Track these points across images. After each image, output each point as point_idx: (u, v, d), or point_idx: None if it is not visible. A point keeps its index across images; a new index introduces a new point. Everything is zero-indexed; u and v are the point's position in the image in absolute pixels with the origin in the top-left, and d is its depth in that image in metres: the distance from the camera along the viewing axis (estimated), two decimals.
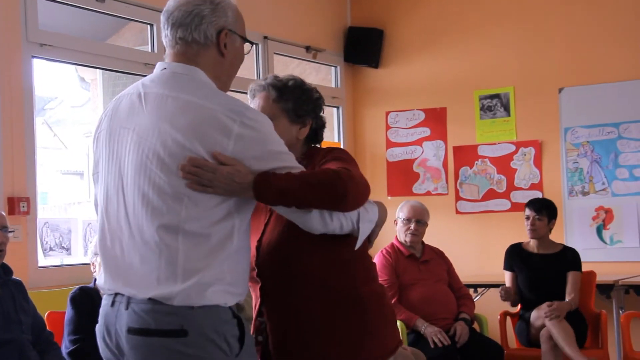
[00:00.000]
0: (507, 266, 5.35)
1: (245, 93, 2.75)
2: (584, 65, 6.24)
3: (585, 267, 5.24)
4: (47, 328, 3.69)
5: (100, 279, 2.30)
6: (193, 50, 2.28)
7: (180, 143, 2.15)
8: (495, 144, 6.53)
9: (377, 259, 5.26)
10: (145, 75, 4.39)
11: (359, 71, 7.09)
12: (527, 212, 5.27)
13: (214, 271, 2.17)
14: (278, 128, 2.31)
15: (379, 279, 5.21)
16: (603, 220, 5.99)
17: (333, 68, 7.08)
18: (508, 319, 5.37)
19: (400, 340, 2.57)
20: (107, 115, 2.35)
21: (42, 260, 4.64)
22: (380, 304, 2.52)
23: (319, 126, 2.63)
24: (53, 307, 4.01)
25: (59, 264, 5.05)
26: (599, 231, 5.99)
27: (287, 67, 7.35)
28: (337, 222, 2.32)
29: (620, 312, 5.39)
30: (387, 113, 6.91)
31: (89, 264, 4.01)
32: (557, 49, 6.32)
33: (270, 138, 2.23)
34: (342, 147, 6.93)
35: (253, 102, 2.61)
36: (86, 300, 3.78)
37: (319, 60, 6.95)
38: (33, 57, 4.60)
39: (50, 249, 4.69)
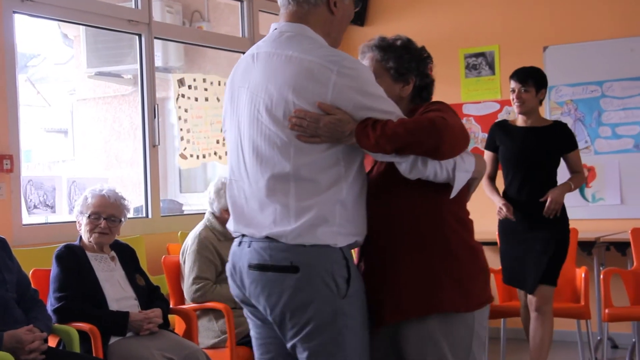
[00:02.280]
0: (489, 145, 4.83)
1: (231, 51, 2.77)
2: (568, 23, 6.23)
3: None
4: (32, 286, 3.70)
5: (230, 224, 2.53)
6: (304, 9, 2.44)
7: (284, 96, 2.33)
8: (480, 102, 6.54)
9: None
10: (127, 32, 4.25)
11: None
12: (512, 84, 4.69)
13: (323, 213, 2.34)
14: (381, 86, 2.42)
15: None
16: (586, 178, 6.04)
17: None
18: (493, 275, 5.41)
19: (491, 299, 2.61)
20: (230, 77, 2.55)
21: (27, 218, 4.64)
22: (472, 257, 2.56)
23: (424, 85, 2.68)
24: (38, 265, 4.02)
25: (43, 221, 5.05)
26: (581, 189, 6.03)
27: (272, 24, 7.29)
28: (431, 169, 2.40)
29: (601, 268, 5.46)
30: None
31: (74, 222, 4.01)
32: (542, 7, 6.31)
33: (368, 84, 2.36)
34: None
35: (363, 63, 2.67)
36: (72, 258, 3.79)
37: None
38: (14, 12, 4.55)
39: (35, 206, 4.69)
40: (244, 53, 6.77)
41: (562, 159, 4.71)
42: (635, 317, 5.18)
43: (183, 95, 5.55)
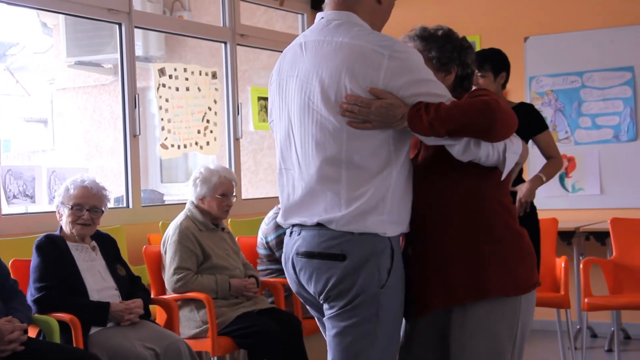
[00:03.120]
0: None
1: (212, 40, 2.77)
2: (549, 14, 6.25)
3: (547, 215, 5.30)
4: (12, 276, 3.68)
5: (280, 217, 2.55)
6: None
7: (336, 82, 2.36)
8: None
9: None
10: (107, 21, 4.25)
11: None
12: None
13: (374, 200, 2.37)
14: None
15: None
16: (566, 169, 6.07)
17: (300, 15, 7.02)
18: None
19: (538, 282, 2.64)
20: (276, 67, 2.58)
21: (6, 208, 4.61)
22: (518, 241, 2.58)
23: (465, 74, 2.70)
24: (17, 255, 4.00)
25: (23, 212, 5.01)
26: (561, 179, 6.07)
27: (253, 14, 7.27)
28: (484, 150, 2.43)
29: (581, 258, 5.50)
30: None
31: (54, 212, 3.99)
32: None
33: (419, 68, 2.39)
34: None
35: None
36: (52, 248, 3.77)
37: (286, 8, 6.88)
38: None
39: (14, 196, 4.66)
40: (225, 43, 6.73)
41: (533, 144, 4.37)
42: (614, 306, 5.22)
43: (164, 85, 5.53)
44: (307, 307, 2.64)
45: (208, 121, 5.84)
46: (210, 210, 4.40)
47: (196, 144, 5.76)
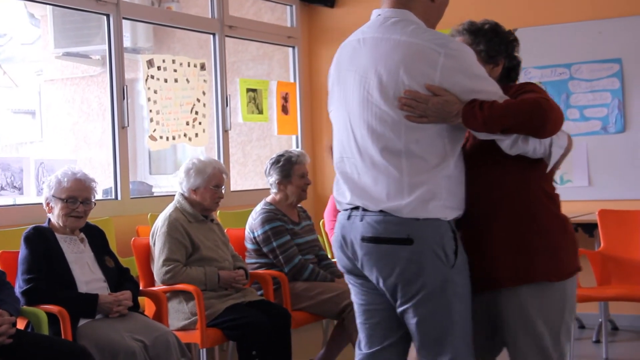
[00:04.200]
0: None
1: (201, 32, 2.80)
2: (537, 6, 6.26)
3: None
4: (0, 268, 3.67)
5: (341, 196, 2.67)
6: None
7: (394, 77, 2.49)
8: None
9: (332, 199, 5.30)
10: (94, 12, 4.21)
11: (315, 10, 7.03)
12: None
13: (433, 188, 2.50)
14: None
15: (334, 219, 5.27)
16: None
17: (288, 7, 7.01)
18: None
19: (580, 268, 2.74)
20: (335, 61, 2.72)
21: None
22: (561, 229, 2.70)
23: (512, 66, 2.82)
24: (5, 247, 3.99)
25: (11, 203, 5.00)
26: None
27: (242, 5, 7.25)
28: (531, 145, 2.56)
29: None
30: None
31: (42, 204, 3.97)
32: None
33: (473, 66, 2.52)
34: (297, 87, 6.91)
35: None
36: (40, 240, 3.76)
37: None
38: None
39: (2, 188, 4.64)
40: (213, 34, 6.71)
41: None
42: (602, 297, 5.24)
43: (152, 77, 5.51)
44: (355, 286, 2.74)
45: (197, 113, 5.82)
46: (202, 201, 4.40)
47: (185, 135, 5.75)
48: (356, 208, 2.60)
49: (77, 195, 3.87)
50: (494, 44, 2.76)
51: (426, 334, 2.57)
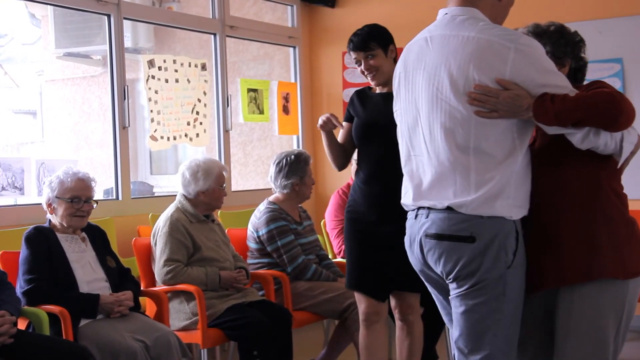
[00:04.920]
0: (346, 116, 3.93)
1: (201, 32, 2.80)
2: (537, 6, 6.26)
3: None
4: (0, 268, 3.67)
5: (406, 197, 2.72)
6: None
7: (465, 73, 2.51)
8: None
9: (333, 198, 5.30)
10: (95, 12, 4.19)
11: (315, 10, 7.03)
12: (353, 55, 3.75)
13: (500, 185, 2.52)
14: None
15: (335, 219, 5.24)
16: None
17: (289, 7, 7.01)
18: None
19: None
20: (401, 60, 2.77)
21: None
22: (629, 228, 2.69)
23: (579, 67, 2.83)
24: (7, 247, 3.99)
25: (12, 204, 5.00)
26: None
27: (242, 5, 7.26)
28: (602, 139, 2.55)
29: None
30: (344, 53, 6.88)
31: (42, 204, 3.97)
32: None
33: (543, 61, 2.53)
34: (298, 87, 6.92)
35: None
36: (42, 240, 3.76)
37: None
38: None
39: (3, 188, 4.64)
40: (214, 34, 6.71)
41: None
42: None
43: (153, 77, 5.51)
44: (429, 286, 2.80)
45: (197, 113, 5.83)
46: (211, 201, 4.41)
47: (186, 135, 5.76)
48: (422, 207, 2.65)
49: (80, 194, 3.87)
50: (560, 45, 2.78)
51: (469, 325, 2.62)
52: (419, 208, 2.66)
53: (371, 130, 3.72)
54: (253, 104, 6.41)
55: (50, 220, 3.91)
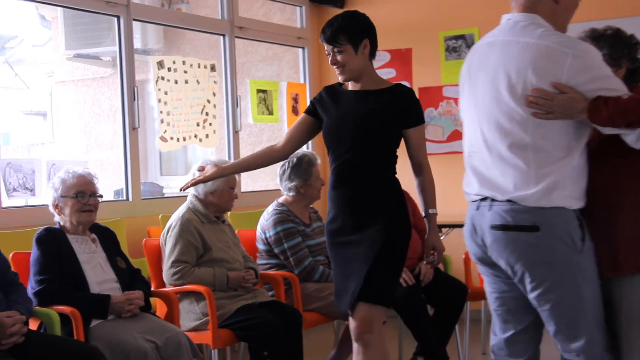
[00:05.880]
0: (308, 109, 3.62)
1: (211, 33, 2.80)
2: (588, 3, 6.23)
3: None
4: (12, 269, 3.68)
5: (470, 187, 2.87)
6: (531, 0, 2.78)
7: (523, 77, 2.67)
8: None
9: None
10: (105, 14, 4.17)
11: (324, 11, 7.03)
12: (326, 47, 3.48)
13: (558, 179, 2.67)
14: None
15: None
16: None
17: (298, 8, 7.01)
18: None
19: None
20: (466, 63, 2.93)
21: (6, 201, 4.61)
22: None
23: (635, 67, 2.99)
24: (18, 248, 4.00)
25: (23, 204, 5.02)
26: None
27: (251, 6, 7.26)
28: None
29: None
30: None
31: (49, 206, 3.97)
32: None
33: (599, 66, 2.68)
34: (307, 88, 6.92)
35: None
36: (52, 241, 3.78)
37: (284, 0, 6.88)
38: None
39: (14, 189, 4.66)
40: (223, 35, 6.70)
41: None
42: None
43: (162, 78, 5.52)
44: (487, 274, 2.93)
45: (207, 114, 5.84)
46: (219, 203, 4.40)
47: (195, 136, 5.77)
48: (484, 199, 2.78)
49: (84, 189, 3.89)
50: (617, 47, 2.94)
51: (560, 320, 2.73)
52: (481, 200, 2.79)
53: (341, 130, 3.47)
54: (262, 105, 6.41)
55: (59, 222, 3.92)
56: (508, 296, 2.89)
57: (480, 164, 2.82)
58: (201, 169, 3.83)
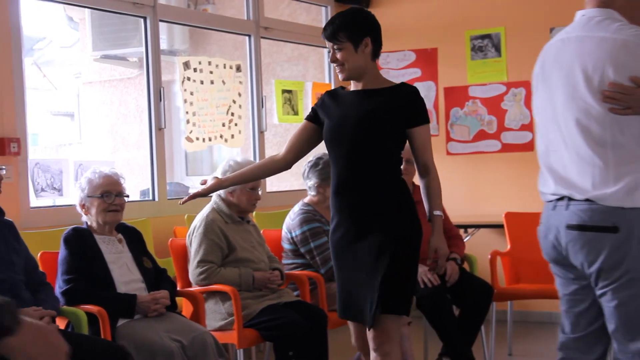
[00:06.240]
0: (309, 115, 3.53)
1: (236, 33, 2.77)
2: (575, 4, 6.17)
3: None
4: (40, 268, 3.72)
5: (545, 187, 2.81)
6: None
7: (600, 72, 2.62)
8: (486, 84, 6.52)
9: None
10: (132, 15, 4.14)
11: None
12: (327, 45, 3.42)
13: (639, 178, 2.60)
14: None
15: None
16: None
17: (323, 8, 7.02)
18: (498, 258, 5.42)
19: None
20: (539, 60, 2.87)
21: (34, 201, 4.65)
22: None
23: None
24: (46, 248, 4.04)
25: (51, 204, 5.06)
26: None
27: (277, 7, 7.28)
28: None
29: None
30: None
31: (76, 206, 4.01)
32: None
33: None
34: (332, 88, 6.91)
35: None
36: (80, 241, 3.81)
37: (309, 0, 6.88)
38: None
39: (42, 189, 4.70)
40: (249, 36, 6.71)
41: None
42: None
43: (188, 78, 5.55)
44: (561, 276, 2.85)
45: (232, 114, 5.86)
46: (239, 203, 4.40)
47: (221, 136, 5.79)
48: (561, 198, 2.73)
49: (110, 189, 3.91)
50: None
51: (624, 318, 2.68)
52: (558, 199, 2.74)
53: (341, 132, 3.33)
54: (287, 105, 6.42)
55: (86, 222, 3.95)
56: (580, 299, 2.84)
57: (557, 162, 2.77)
58: (203, 183, 3.74)
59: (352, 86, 3.44)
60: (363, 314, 3.31)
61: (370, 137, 3.30)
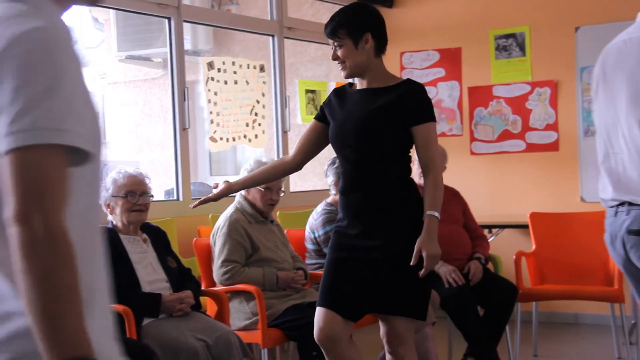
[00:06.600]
0: (318, 115, 3.52)
1: (260, 33, 2.77)
2: (601, 3, 6.15)
3: (599, 208, 5.21)
4: None
5: (605, 193, 2.78)
6: None
7: None
8: (510, 84, 6.48)
9: None
10: (156, 16, 4.13)
11: None
12: (329, 42, 3.32)
13: None
14: None
15: None
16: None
17: None
18: (523, 258, 5.38)
19: None
20: (599, 62, 2.86)
21: None
22: None
23: None
24: None
25: None
26: None
27: (300, 7, 7.28)
28: None
29: None
30: (402, 53, 6.86)
31: (107, 205, 4.03)
32: None
33: None
34: None
35: None
36: (105, 240, 3.81)
37: (333, 0, 6.88)
38: None
39: None
40: (272, 36, 6.72)
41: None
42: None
43: (212, 79, 5.57)
44: (633, 282, 2.85)
45: (256, 114, 5.87)
46: (254, 202, 4.41)
47: (245, 137, 5.80)
48: (622, 204, 2.70)
49: (135, 189, 3.93)
50: None
51: None
52: (618, 205, 2.71)
53: (345, 132, 3.28)
54: (311, 105, 6.42)
55: (112, 222, 3.97)
56: None
57: (618, 165, 2.74)
58: (216, 186, 3.71)
59: (358, 84, 3.37)
60: (347, 307, 3.27)
61: (373, 137, 3.23)
